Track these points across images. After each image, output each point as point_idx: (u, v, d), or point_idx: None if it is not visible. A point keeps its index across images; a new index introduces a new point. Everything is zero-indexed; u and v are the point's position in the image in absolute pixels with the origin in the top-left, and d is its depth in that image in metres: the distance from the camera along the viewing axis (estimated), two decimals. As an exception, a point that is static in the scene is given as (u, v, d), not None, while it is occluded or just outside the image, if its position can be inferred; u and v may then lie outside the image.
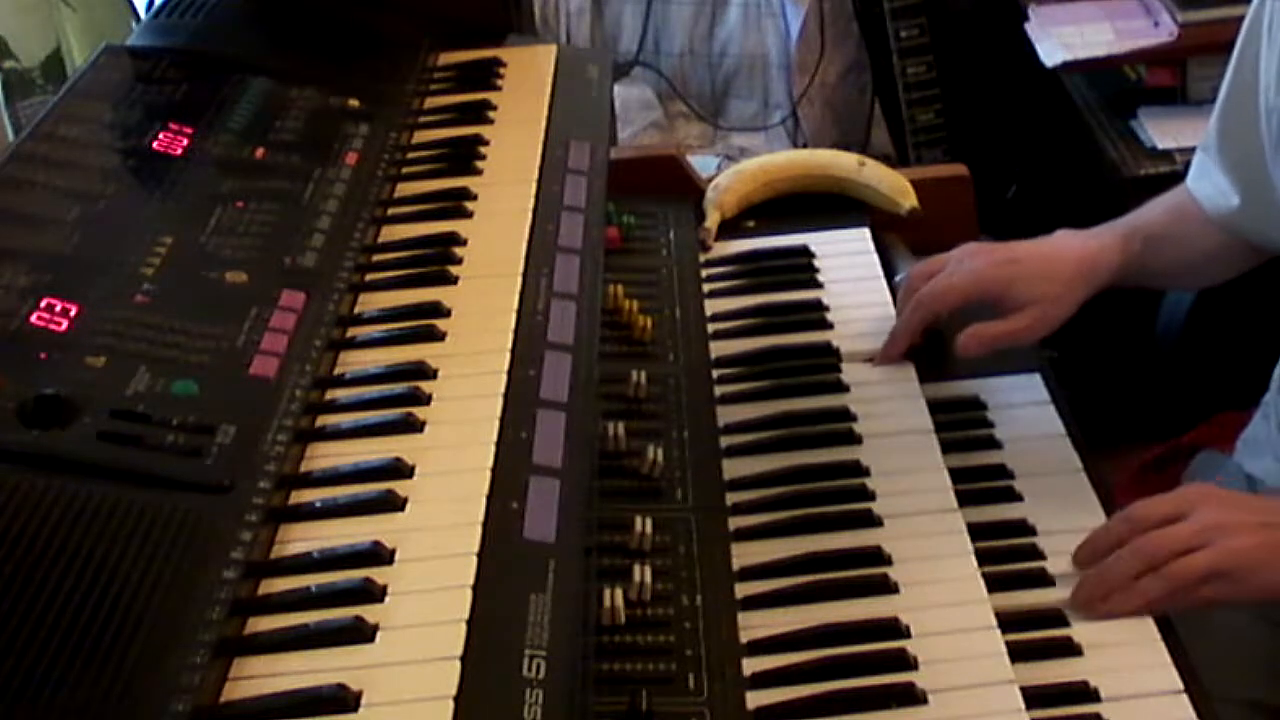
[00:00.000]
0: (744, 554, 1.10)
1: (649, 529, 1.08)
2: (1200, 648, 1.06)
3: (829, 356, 1.32)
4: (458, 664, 0.78)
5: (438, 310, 1.07)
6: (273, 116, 1.24)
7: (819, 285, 1.43)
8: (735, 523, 1.13)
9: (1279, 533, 1.07)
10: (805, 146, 2.56)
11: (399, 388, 0.98)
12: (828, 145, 2.42)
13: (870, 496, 1.15)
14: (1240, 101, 1.29)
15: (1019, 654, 1.02)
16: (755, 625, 1.04)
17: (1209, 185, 1.34)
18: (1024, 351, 1.33)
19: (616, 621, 1.01)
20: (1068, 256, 1.29)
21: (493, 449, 0.93)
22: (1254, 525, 1.07)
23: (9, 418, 0.86)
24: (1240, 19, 1.30)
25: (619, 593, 1.02)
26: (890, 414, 1.25)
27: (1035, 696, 0.99)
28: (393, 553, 0.85)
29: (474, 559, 0.84)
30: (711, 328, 1.36)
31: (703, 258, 1.47)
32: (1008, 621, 1.04)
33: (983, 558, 1.10)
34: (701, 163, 1.94)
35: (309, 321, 1.01)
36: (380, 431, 0.95)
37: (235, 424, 0.90)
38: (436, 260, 1.12)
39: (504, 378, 0.99)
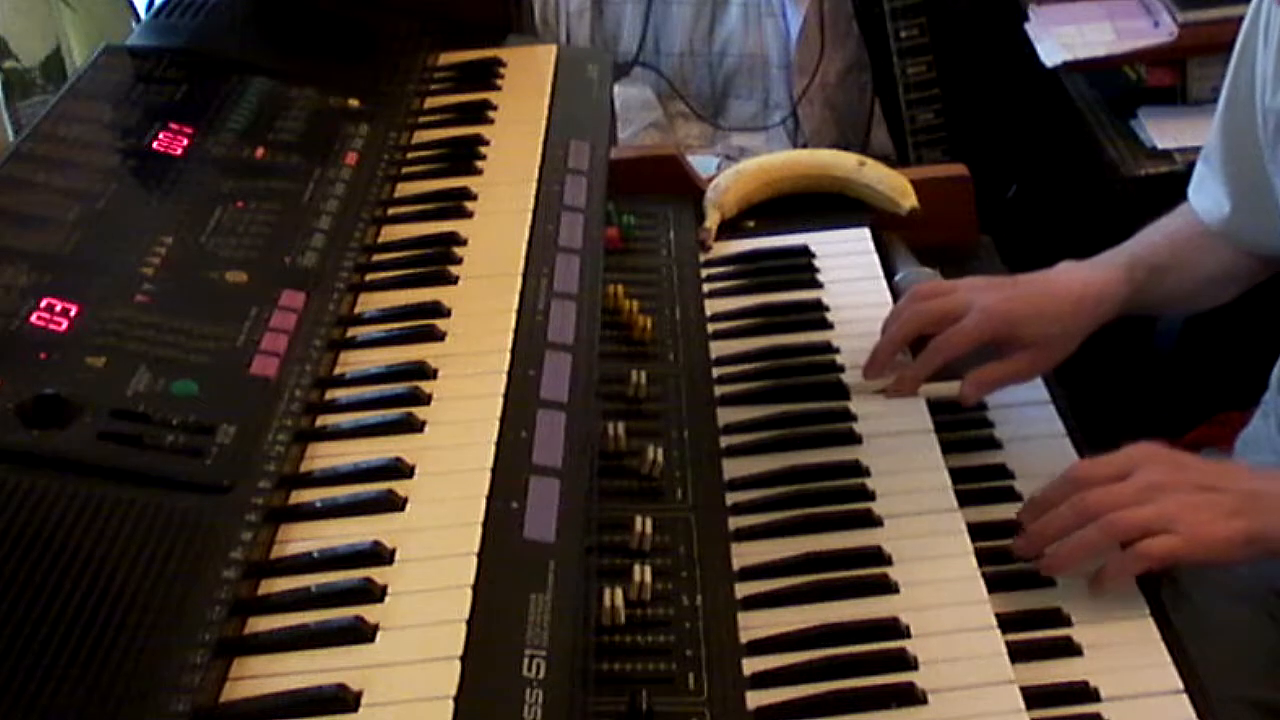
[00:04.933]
0: (744, 554, 1.10)
1: (649, 529, 1.08)
2: (1200, 648, 1.06)
3: (829, 356, 1.32)
4: (458, 664, 0.78)
5: (438, 310, 1.07)
6: (273, 116, 1.24)
7: (819, 285, 1.43)
8: (735, 523, 1.13)
9: (1217, 495, 1.07)
10: (805, 146, 2.56)
11: (399, 388, 0.98)
12: (828, 145, 2.42)
13: (870, 496, 1.15)
14: (1239, 103, 1.29)
15: (1019, 654, 1.02)
16: (755, 625, 1.04)
17: (1206, 197, 1.35)
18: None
19: (616, 621, 1.01)
20: (1071, 294, 1.28)
21: (493, 449, 0.93)
22: (1193, 486, 1.07)
23: (9, 418, 0.86)
24: (1240, 19, 1.30)
25: (619, 593, 1.02)
26: (890, 414, 1.25)
27: (1035, 696, 0.99)
28: (393, 553, 0.85)
29: (474, 559, 0.84)
30: (711, 328, 1.36)
31: (703, 258, 1.47)
32: (1008, 621, 1.04)
33: (983, 558, 1.10)
34: (701, 163, 1.94)
35: (309, 321, 1.01)
36: (380, 431, 0.95)
37: (235, 424, 0.90)
38: (436, 260, 1.12)
39: (504, 378, 0.99)
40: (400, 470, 0.91)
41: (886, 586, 1.07)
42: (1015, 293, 1.28)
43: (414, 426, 0.95)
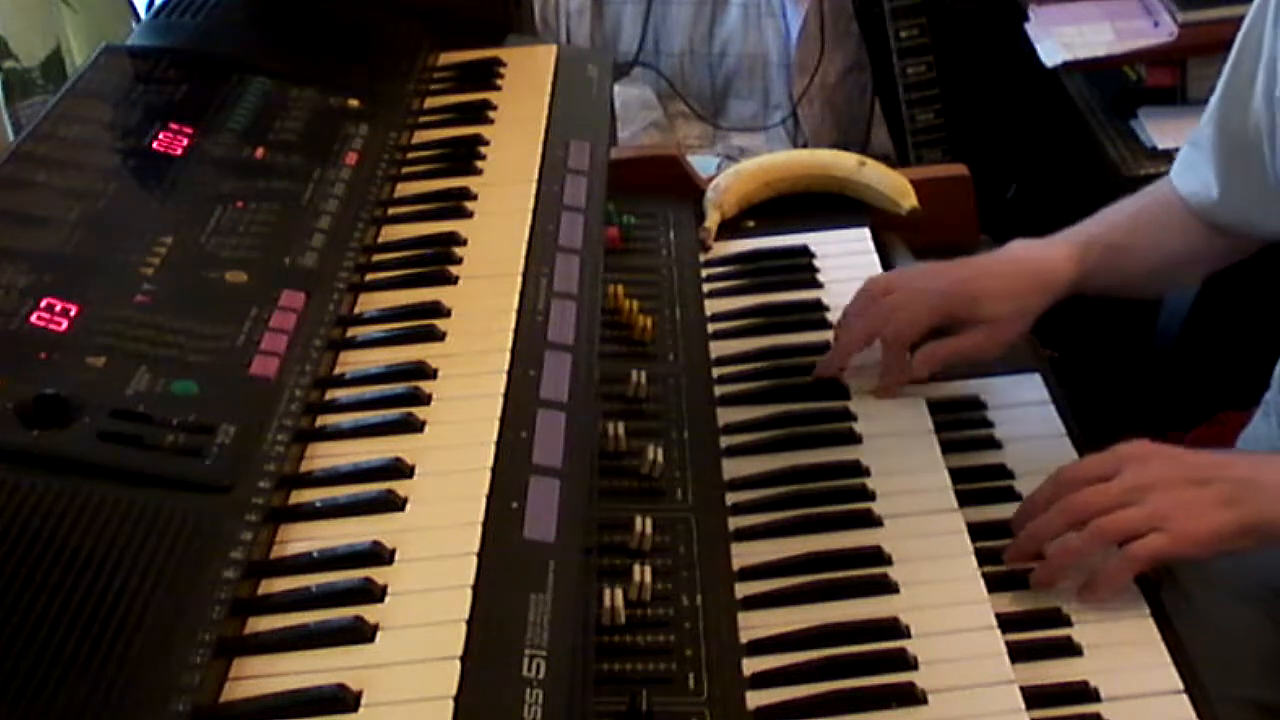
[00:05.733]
0: (744, 554, 1.10)
1: (649, 529, 1.08)
2: (1200, 648, 1.06)
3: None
4: (458, 664, 0.78)
5: (438, 310, 1.07)
6: (273, 116, 1.24)
7: (819, 285, 1.43)
8: (735, 523, 1.13)
9: (1208, 488, 1.07)
10: (805, 146, 2.56)
11: (399, 388, 0.98)
12: (828, 145, 2.41)
13: (870, 496, 1.15)
14: (1239, 89, 1.29)
15: (1019, 654, 1.02)
16: (755, 625, 1.04)
17: (1194, 179, 1.34)
18: (1024, 351, 1.33)
19: (616, 621, 1.01)
20: (1024, 272, 1.29)
21: (493, 449, 0.93)
22: (1182, 480, 1.07)
23: (9, 418, 0.86)
24: (1240, 19, 1.30)
25: (619, 593, 1.02)
26: (890, 414, 1.25)
27: (1035, 696, 0.99)
28: (393, 553, 0.85)
29: (474, 559, 0.84)
30: (711, 328, 1.36)
31: (703, 258, 1.47)
32: (1008, 621, 1.04)
33: (983, 558, 1.10)
34: (701, 163, 1.94)
35: (309, 321, 1.01)
36: (380, 431, 0.95)
37: (235, 424, 0.90)
38: (436, 260, 1.12)
39: (504, 378, 0.99)
40: (400, 470, 0.91)
41: (886, 586, 1.07)
42: (965, 273, 1.29)
43: (414, 426, 0.95)
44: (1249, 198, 1.30)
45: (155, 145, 1.16)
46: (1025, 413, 1.29)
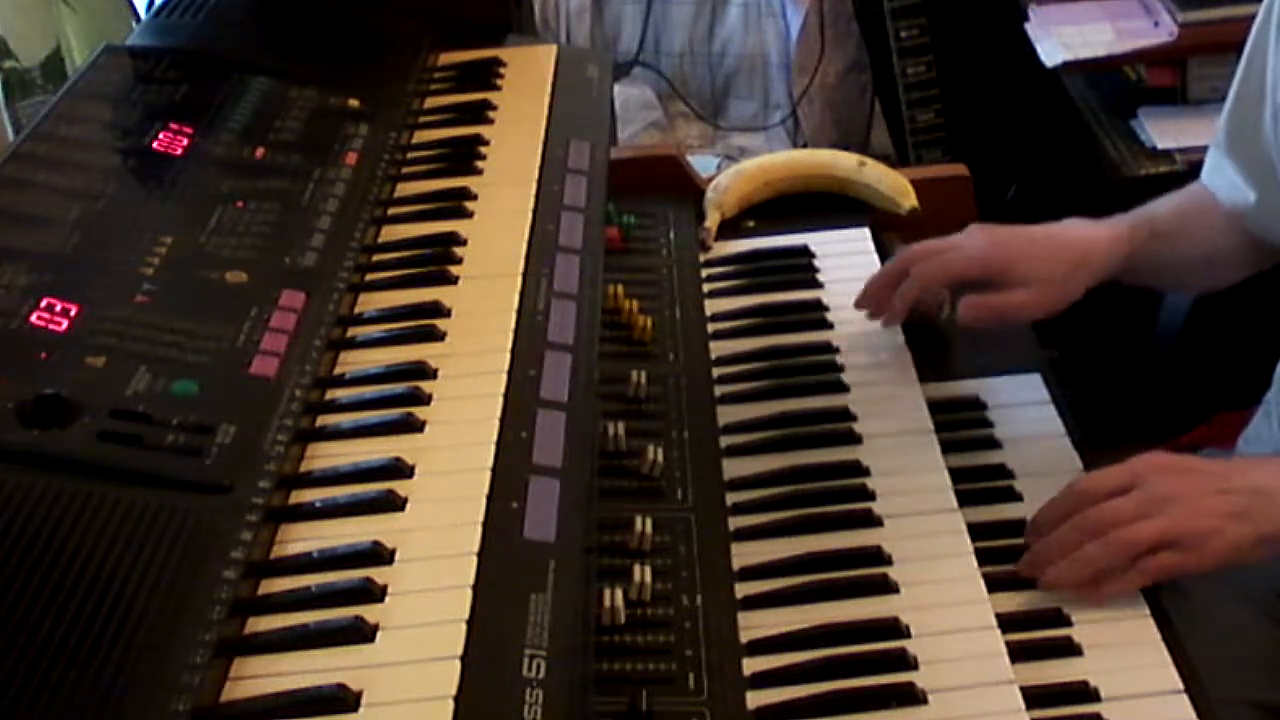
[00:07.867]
0: (744, 554, 1.10)
1: (649, 529, 1.08)
2: (1200, 648, 1.05)
3: (829, 356, 1.32)
4: (458, 664, 0.78)
5: (438, 310, 1.07)
6: (273, 116, 1.24)
7: (819, 285, 1.43)
8: (735, 523, 1.13)
9: (1223, 499, 1.07)
10: (805, 146, 2.56)
11: (399, 388, 0.98)
12: (828, 145, 2.42)
13: (870, 496, 1.15)
14: (1249, 102, 1.29)
15: (1019, 654, 1.02)
16: (755, 625, 1.04)
17: (1224, 179, 1.35)
18: (1024, 351, 1.33)
19: (616, 621, 1.01)
20: (1074, 240, 1.28)
21: (493, 449, 0.93)
22: (1198, 493, 1.07)
23: (9, 418, 0.86)
24: (1240, 19, 1.30)
25: (619, 593, 1.02)
26: (890, 414, 1.25)
27: (1035, 696, 0.99)
28: (393, 553, 0.85)
29: (474, 559, 0.84)
30: (711, 328, 1.36)
31: (703, 258, 1.47)
32: (1008, 621, 1.04)
33: (983, 558, 1.10)
34: (701, 163, 1.94)
35: (309, 321, 1.01)
36: (380, 431, 0.95)
37: (235, 424, 0.90)
38: (436, 260, 1.12)
39: (504, 378, 0.99)
40: (400, 470, 0.91)
41: (886, 586, 1.07)
42: (1012, 233, 1.28)
43: (414, 426, 0.95)
44: (1270, 206, 1.30)
45: (155, 145, 1.16)
46: (1025, 413, 1.29)
